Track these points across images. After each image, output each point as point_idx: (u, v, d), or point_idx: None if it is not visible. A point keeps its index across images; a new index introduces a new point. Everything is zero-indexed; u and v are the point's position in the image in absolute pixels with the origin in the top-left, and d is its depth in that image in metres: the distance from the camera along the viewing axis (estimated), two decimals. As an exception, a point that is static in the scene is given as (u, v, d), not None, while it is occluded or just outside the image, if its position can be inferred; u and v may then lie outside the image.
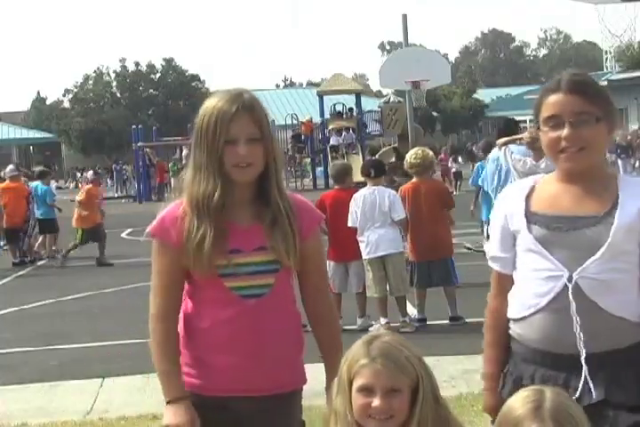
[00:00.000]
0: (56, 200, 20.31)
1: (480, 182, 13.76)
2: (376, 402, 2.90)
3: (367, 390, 2.92)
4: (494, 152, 11.40)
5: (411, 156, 10.64)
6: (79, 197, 18.73)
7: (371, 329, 9.99)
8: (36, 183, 20.24)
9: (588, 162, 3.05)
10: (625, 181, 3.09)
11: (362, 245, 10.12)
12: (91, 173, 21.84)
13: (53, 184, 20.93)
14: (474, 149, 38.92)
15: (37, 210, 19.56)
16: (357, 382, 2.94)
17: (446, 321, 10.24)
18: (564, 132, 2.99)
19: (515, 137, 10.58)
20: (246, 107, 3.31)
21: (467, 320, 9.96)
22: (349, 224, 10.13)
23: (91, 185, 19.19)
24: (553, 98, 3.07)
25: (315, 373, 3.59)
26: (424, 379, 2.98)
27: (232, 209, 3.26)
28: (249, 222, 3.28)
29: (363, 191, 10.25)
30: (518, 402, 2.80)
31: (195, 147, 3.33)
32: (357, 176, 11.17)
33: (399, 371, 2.93)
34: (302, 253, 3.31)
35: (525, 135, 10.23)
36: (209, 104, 3.35)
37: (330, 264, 10.43)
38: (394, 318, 10.10)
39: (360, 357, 2.97)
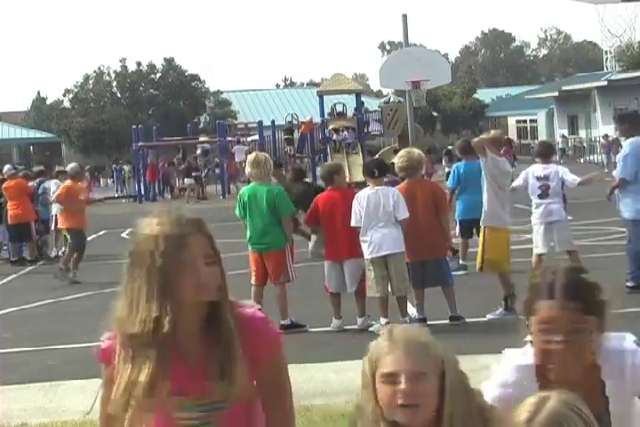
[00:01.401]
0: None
1: (453, 185, 13.87)
2: (401, 386, 2.80)
3: (392, 378, 2.82)
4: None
5: (398, 160, 10.67)
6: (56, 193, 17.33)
7: (371, 329, 10.00)
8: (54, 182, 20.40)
9: (580, 367, 2.99)
10: (606, 361, 3.04)
11: (364, 245, 10.13)
12: (73, 165, 20.80)
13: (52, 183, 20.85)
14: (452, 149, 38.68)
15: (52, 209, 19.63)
16: (380, 372, 2.85)
17: (446, 321, 10.25)
18: (559, 346, 2.95)
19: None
20: (195, 228, 3.14)
21: (467, 320, 9.96)
22: (353, 224, 10.14)
23: (69, 181, 17.18)
24: (547, 305, 2.99)
25: (313, 373, 3.60)
26: (450, 364, 2.90)
27: (180, 338, 2.94)
28: (196, 358, 2.95)
29: (366, 191, 10.26)
30: (521, 409, 2.74)
31: (132, 273, 3.07)
32: (357, 176, 11.22)
33: (424, 356, 2.84)
34: (258, 381, 3.00)
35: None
36: (148, 230, 3.07)
37: (325, 264, 10.48)
38: (394, 318, 10.10)
39: (381, 346, 2.89)
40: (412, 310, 10.57)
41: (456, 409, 2.84)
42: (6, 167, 21.56)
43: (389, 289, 10.20)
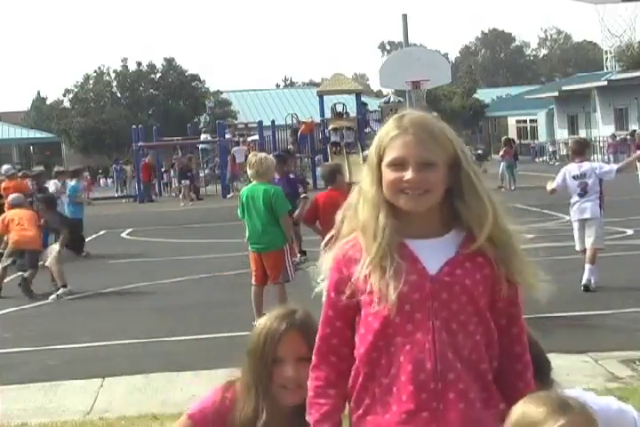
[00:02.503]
0: (77, 197, 20.32)
1: None
2: (409, 175, 2.72)
3: (399, 164, 2.74)
4: None
5: None
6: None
7: None
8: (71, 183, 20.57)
9: None
10: None
11: None
12: (5, 167, 21.01)
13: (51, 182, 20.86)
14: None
15: (67, 209, 19.69)
16: (388, 157, 2.76)
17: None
18: None
19: None
20: (296, 325, 3.24)
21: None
22: None
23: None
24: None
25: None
26: (464, 153, 2.81)
27: None
28: None
29: None
30: (532, 403, 2.66)
31: (244, 366, 3.30)
32: (357, 176, 11.20)
33: (434, 142, 2.75)
34: None
35: None
36: (260, 322, 3.33)
37: None
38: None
39: (390, 130, 2.80)
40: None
41: (461, 192, 2.81)
42: (5, 167, 21.55)
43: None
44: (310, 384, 2.86)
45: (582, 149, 12.53)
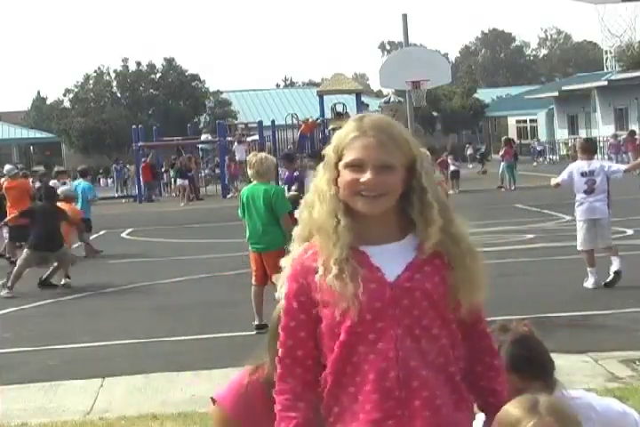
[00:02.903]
0: (96, 197, 20.40)
1: None
2: (366, 177, 2.69)
3: (357, 166, 2.71)
4: None
5: None
6: None
7: None
8: (78, 182, 20.65)
9: None
10: None
11: None
12: (7, 167, 21.38)
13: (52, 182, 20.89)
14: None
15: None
16: (347, 158, 2.73)
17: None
18: None
19: None
20: None
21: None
22: None
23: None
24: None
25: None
26: (420, 158, 2.78)
27: None
28: None
29: None
30: (513, 405, 2.74)
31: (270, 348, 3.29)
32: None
33: (393, 145, 2.73)
34: None
35: None
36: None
37: None
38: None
39: (350, 131, 2.77)
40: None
41: (419, 196, 2.77)
42: (8, 167, 21.59)
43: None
44: (277, 398, 2.82)
45: (591, 148, 12.55)
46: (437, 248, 2.76)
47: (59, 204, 15.99)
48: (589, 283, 11.76)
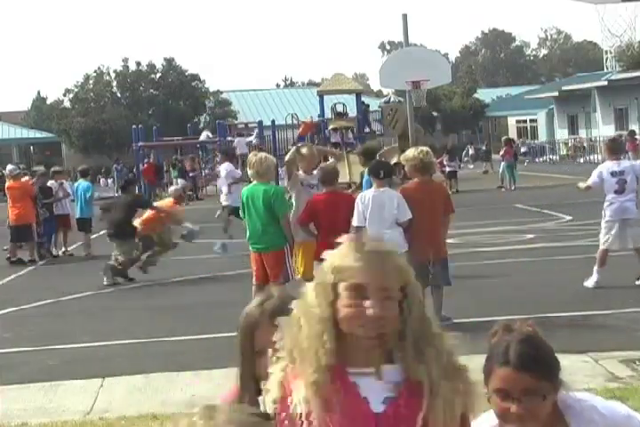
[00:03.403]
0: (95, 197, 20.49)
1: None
2: (370, 311, 2.64)
3: (358, 292, 2.67)
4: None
5: (410, 160, 10.54)
6: None
7: None
8: (78, 182, 20.75)
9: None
10: (575, 416, 3.06)
11: None
12: (9, 167, 21.74)
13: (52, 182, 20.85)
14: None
15: (77, 208, 19.93)
16: (347, 281, 2.68)
17: (443, 322, 10.20)
18: (513, 407, 2.97)
19: None
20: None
21: (455, 320, 9.84)
22: (355, 224, 10.12)
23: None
24: (502, 372, 3.02)
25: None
26: (414, 283, 2.78)
27: None
28: None
29: (371, 192, 10.24)
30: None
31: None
32: (355, 176, 11.20)
33: (393, 271, 2.73)
34: None
35: None
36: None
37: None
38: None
39: (350, 256, 2.73)
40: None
41: (414, 328, 2.71)
42: (10, 167, 21.63)
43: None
44: None
45: (618, 148, 12.56)
46: (423, 378, 2.69)
47: (169, 202, 16.56)
48: (591, 282, 11.75)
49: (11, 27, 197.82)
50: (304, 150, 11.55)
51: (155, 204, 17.12)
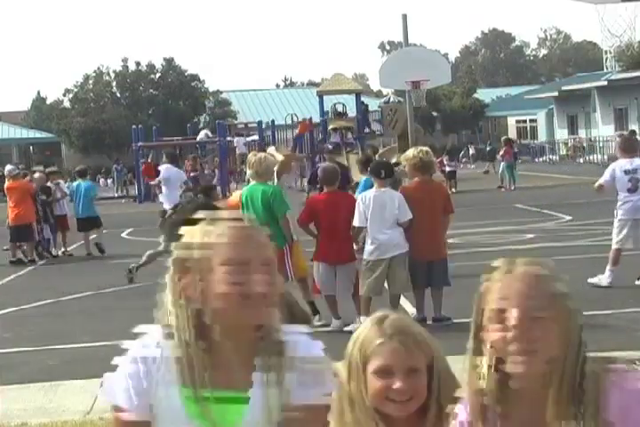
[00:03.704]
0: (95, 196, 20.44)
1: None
2: (397, 384, 2.74)
3: (386, 372, 2.76)
4: None
5: (410, 160, 10.56)
6: None
7: (347, 329, 9.99)
8: (77, 182, 20.67)
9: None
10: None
11: (369, 247, 10.13)
12: (9, 167, 21.78)
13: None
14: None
15: (79, 208, 19.86)
16: (374, 364, 2.78)
17: (444, 322, 10.19)
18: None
19: None
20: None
21: (455, 321, 9.82)
22: (357, 224, 10.13)
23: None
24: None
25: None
26: (439, 356, 2.86)
27: None
28: None
29: (372, 192, 10.25)
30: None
31: None
32: (356, 176, 11.20)
33: (417, 348, 2.80)
34: None
35: None
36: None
37: (319, 266, 10.43)
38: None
39: (374, 336, 2.82)
40: (411, 310, 10.57)
41: (444, 395, 2.76)
42: (9, 167, 21.64)
43: (387, 288, 10.22)
44: None
45: (632, 146, 12.48)
46: None
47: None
48: (605, 281, 11.67)
49: (10, 27, 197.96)
50: (282, 154, 11.58)
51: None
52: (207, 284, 2.51)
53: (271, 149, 12.11)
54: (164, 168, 20.31)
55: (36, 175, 21.17)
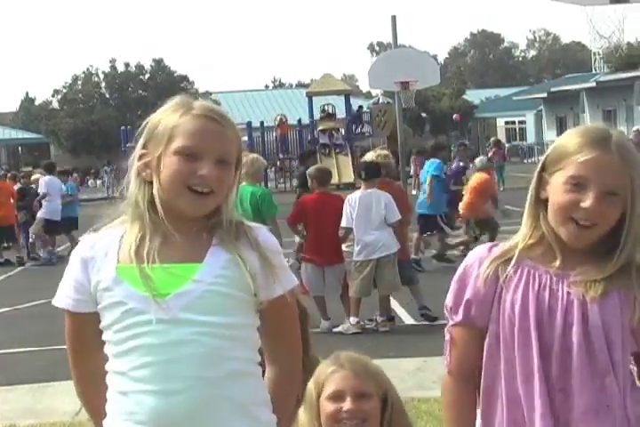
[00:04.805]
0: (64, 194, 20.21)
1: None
2: (347, 406, 2.89)
3: (337, 396, 2.91)
4: None
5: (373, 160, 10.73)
6: None
7: (337, 330, 10.05)
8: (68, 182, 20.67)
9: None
10: None
11: (356, 247, 10.17)
12: None
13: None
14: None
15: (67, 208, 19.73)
16: (327, 391, 2.95)
17: (436, 322, 10.20)
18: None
19: None
20: None
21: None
22: (343, 225, 10.17)
23: None
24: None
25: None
26: (391, 391, 3.01)
27: None
28: None
29: (358, 193, 10.28)
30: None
31: None
32: (345, 177, 11.27)
33: (368, 376, 2.95)
34: None
35: None
36: None
37: (307, 267, 10.45)
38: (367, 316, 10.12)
39: (328, 366, 3.00)
40: (401, 311, 10.62)
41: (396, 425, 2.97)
42: None
43: (375, 289, 10.26)
44: None
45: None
46: None
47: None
48: None
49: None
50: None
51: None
52: (160, 167, 2.53)
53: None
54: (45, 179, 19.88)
55: (37, 176, 21.04)
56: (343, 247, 10.77)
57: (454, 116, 62.11)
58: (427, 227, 15.27)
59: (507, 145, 56.32)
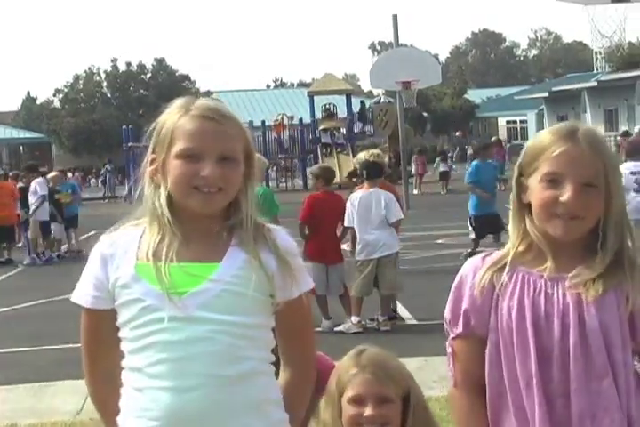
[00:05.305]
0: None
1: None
2: (368, 411, 2.91)
3: (358, 401, 2.94)
4: None
5: (362, 159, 10.69)
6: None
7: (339, 329, 10.02)
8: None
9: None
10: None
11: (358, 247, 10.17)
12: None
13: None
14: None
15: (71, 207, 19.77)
16: (348, 394, 2.97)
17: (435, 322, 10.19)
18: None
19: None
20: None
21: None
22: (345, 224, 10.19)
23: None
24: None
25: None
26: (414, 389, 3.02)
27: None
28: None
29: (359, 193, 10.28)
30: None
31: None
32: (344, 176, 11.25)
33: (389, 380, 2.96)
34: None
35: None
36: None
37: (310, 265, 10.44)
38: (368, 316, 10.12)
39: (349, 367, 3.01)
40: (401, 310, 10.61)
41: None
42: None
43: (377, 288, 10.25)
44: None
45: (636, 151, 12.55)
46: None
47: None
48: None
49: (1, 26, 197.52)
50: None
51: None
52: (166, 171, 2.57)
53: None
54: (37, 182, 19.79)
55: (53, 174, 20.87)
56: (343, 246, 10.77)
57: (457, 133, 62.42)
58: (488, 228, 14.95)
59: (508, 144, 56.22)
